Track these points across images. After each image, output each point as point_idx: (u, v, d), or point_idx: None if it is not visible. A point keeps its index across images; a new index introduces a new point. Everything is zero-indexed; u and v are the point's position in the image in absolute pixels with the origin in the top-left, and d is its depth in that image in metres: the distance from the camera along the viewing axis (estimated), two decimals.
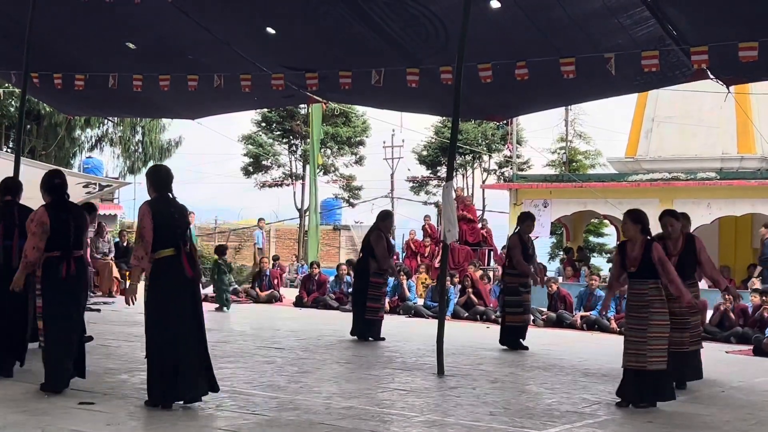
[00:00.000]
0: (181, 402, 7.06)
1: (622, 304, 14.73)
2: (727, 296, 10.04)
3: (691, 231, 10.23)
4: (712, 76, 11.45)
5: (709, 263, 9.40)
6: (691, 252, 9.18)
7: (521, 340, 12.15)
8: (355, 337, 12.47)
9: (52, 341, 7.53)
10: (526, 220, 12.52)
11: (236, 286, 20.15)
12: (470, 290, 17.15)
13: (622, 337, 10.35)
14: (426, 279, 21.32)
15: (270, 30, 12.59)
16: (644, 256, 7.84)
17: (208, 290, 20.13)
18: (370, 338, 12.45)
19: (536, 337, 12.98)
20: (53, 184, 7.79)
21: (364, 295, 12.55)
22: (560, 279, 19.02)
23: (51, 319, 7.55)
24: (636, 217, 8.01)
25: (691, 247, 9.21)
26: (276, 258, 23.89)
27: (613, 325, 14.76)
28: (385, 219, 13.17)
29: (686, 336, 8.99)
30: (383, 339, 12.49)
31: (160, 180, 7.36)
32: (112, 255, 19.52)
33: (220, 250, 18.72)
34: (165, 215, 7.16)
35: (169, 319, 7.16)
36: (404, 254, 24.74)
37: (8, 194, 8.37)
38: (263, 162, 40.41)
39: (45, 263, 7.54)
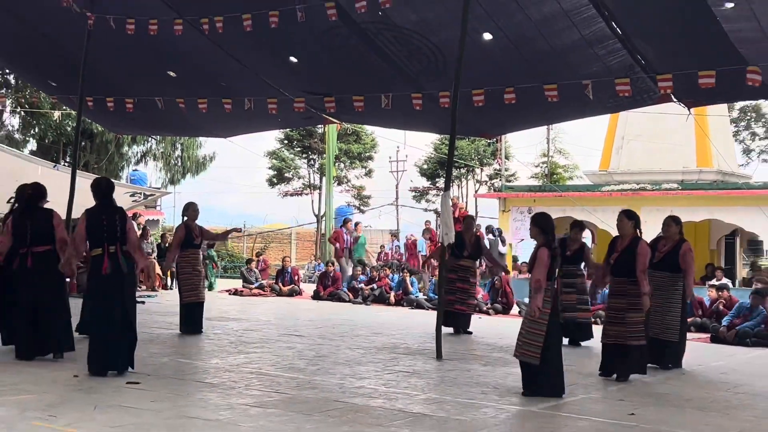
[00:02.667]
0: (115, 372, 7.39)
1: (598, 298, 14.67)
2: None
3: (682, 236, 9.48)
4: (675, 100, 11.45)
5: (642, 267, 8.13)
6: (630, 252, 8.20)
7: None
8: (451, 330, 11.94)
9: None
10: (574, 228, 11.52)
11: (263, 281, 20.15)
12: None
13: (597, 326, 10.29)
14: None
15: (292, 59, 12.61)
16: (532, 256, 7.30)
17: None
18: (461, 330, 12.04)
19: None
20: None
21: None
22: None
23: None
24: (535, 220, 7.41)
25: (632, 248, 8.23)
26: (259, 254, 23.57)
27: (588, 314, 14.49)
28: (464, 221, 12.83)
29: (623, 330, 8.18)
30: (469, 333, 12.01)
31: (99, 191, 7.75)
32: (155, 255, 19.53)
33: None
34: (97, 221, 7.56)
35: (96, 305, 7.58)
36: (406, 254, 24.67)
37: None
38: (285, 174, 40.37)
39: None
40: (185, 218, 11.39)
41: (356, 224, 22.55)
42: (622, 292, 8.26)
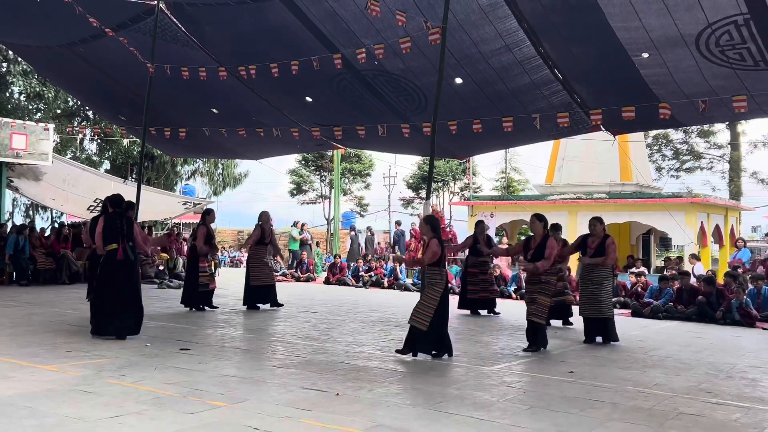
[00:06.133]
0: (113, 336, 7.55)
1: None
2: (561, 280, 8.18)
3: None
4: (603, 129, 11.45)
5: (548, 254, 7.85)
6: (542, 249, 7.92)
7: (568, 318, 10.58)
8: (465, 311, 11.61)
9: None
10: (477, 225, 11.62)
11: (285, 270, 20.10)
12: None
13: (521, 302, 10.08)
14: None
15: (308, 99, 12.60)
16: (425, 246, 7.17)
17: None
18: (479, 311, 11.73)
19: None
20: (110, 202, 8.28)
21: (465, 281, 11.88)
22: (502, 265, 18.76)
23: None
24: (427, 220, 7.32)
25: (543, 245, 7.98)
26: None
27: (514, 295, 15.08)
28: (477, 226, 11.99)
29: (533, 308, 7.90)
30: (495, 313, 11.64)
31: (116, 203, 7.93)
32: None
33: None
34: (114, 223, 7.73)
35: (108, 287, 7.61)
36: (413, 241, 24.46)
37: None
38: (303, 187, 40.39)
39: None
40: (260, 223, 11.55)
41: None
42: (535, 280, 8.05)
